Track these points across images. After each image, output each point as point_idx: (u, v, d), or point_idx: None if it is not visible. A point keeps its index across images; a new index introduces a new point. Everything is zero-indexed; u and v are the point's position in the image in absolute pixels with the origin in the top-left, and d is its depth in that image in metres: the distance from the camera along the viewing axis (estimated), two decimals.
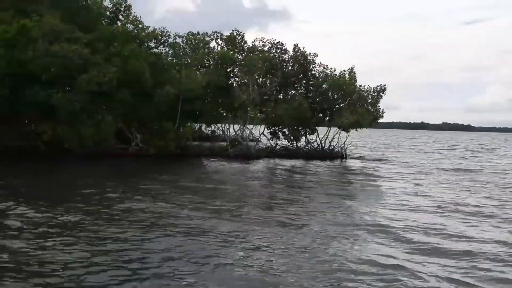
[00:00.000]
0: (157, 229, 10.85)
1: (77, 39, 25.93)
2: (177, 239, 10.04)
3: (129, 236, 10.10)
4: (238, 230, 11.03)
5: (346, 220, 12.68)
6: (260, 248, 9.63)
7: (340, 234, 11.04)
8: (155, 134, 28.91)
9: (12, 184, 16.96)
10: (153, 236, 10.22)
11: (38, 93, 25.16)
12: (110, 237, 9.99)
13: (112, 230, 10.56)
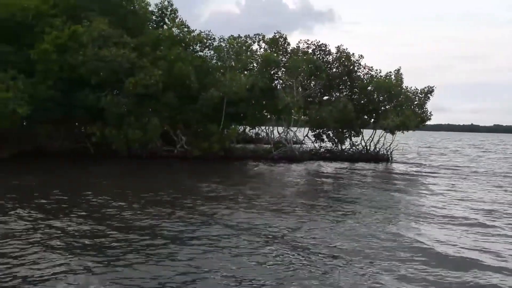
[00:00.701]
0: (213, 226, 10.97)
1: (125, 44, 26.58)
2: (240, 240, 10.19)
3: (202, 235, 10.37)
4: (288, 227, 10.99)
5: (388, 237, 11.43)
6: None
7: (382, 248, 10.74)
8: (200, 136, 29.24)
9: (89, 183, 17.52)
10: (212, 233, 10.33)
11: (88, 96, 26.01)
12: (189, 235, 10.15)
13: (185, 229, 10.92)
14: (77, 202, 13.94)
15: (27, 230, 10.44)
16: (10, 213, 12.00)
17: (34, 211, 12.40)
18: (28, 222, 11.16)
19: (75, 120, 29.23)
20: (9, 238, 9.67)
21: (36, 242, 9.50)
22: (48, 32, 25.95)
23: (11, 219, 11.43)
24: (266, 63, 31.09)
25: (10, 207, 12.82)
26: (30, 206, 13.00)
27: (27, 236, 9.91)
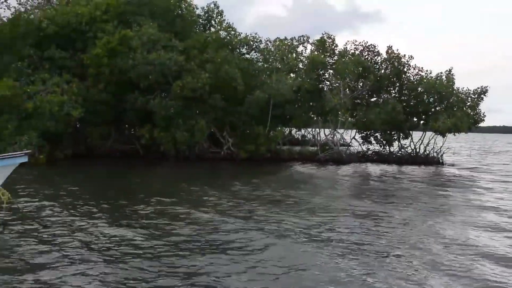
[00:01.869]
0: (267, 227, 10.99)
1: (173, 47, 27.09)
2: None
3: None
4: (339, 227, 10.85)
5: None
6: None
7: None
8: (246, 138, 29.40)
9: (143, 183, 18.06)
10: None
11: (137, 99, 26.68)
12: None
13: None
14: (137, 202, 14.28)
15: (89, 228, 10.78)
16: (75, 213, 12.43)
17: (99, 210, 12.81)
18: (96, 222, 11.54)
19: (125, 122, 30.06)
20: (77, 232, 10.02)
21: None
22: (100, 37, 26.84)
23: (79, 219, 11.85)
24: (312, 64, 30.89)
25: (74, 207, 13.27)
26: (92, 206, 13.44)
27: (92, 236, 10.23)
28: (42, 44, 27.88)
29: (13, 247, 9.35)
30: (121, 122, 30.02)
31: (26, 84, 25.43)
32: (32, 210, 12.48)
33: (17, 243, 9.58)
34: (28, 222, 11.05)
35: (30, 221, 11.08)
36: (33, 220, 11.21)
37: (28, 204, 13.06)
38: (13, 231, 10.40)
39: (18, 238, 9.91)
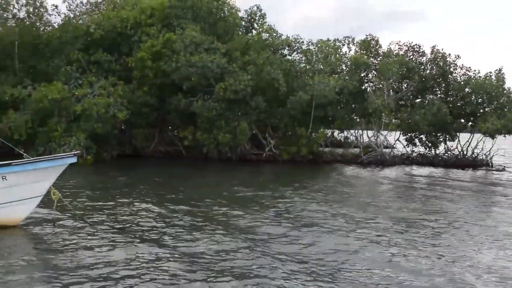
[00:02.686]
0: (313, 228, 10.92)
1: (215, 49, 27.34)
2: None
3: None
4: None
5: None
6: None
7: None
8: (288, 140, 29.32)
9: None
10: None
11: (180, 101, 27.07)
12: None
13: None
14: (185, 201, 14.49)
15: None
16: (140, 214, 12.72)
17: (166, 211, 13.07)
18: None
19: (168, 124, 30.55)
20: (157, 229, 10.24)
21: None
22: (145, 40, 27.40)
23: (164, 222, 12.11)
24: (356, 65, 30.49)
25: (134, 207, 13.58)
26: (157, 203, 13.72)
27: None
28: (89, 48, 28.74)
29: (64, 244, 9.64)
30: (164, 124, 30.56)
31: (75, 87, 26.24)
32: (81, 208, 12.83)
33: (68, 240, 9.87)
34: (77, 220, 11.36)
35: (79, 219, 11.38)
36: (82, 218, 11.51)
37: (77, 203, 13.45)
38: (64, 228, 10.72)
39: (69, 235, 10.21)
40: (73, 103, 25.24)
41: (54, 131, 24.52)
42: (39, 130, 24.97)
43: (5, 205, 10.36)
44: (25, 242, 10.16)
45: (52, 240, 9.98)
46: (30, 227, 10.87)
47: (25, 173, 10.25)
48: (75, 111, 24.95)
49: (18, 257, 8.79)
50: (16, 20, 28.26)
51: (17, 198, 10.35)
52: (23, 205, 10.56)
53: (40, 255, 9.07)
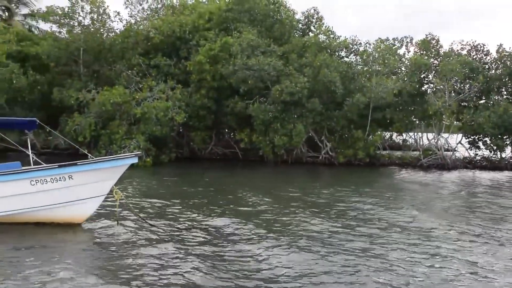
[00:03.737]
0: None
1: (271, 52, 27.40)
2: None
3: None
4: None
5: None
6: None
7: None
8: (345, 143, 28.92)
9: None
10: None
11: (237, 104, 27.31)
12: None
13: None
14: (246, 202, 14.61)
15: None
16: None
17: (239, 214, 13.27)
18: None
19: (225, 126, 30.91)
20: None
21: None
22: (202, 44, 27.89)
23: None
24: (415, 66, 29.64)
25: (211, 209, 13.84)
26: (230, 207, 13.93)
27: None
28: (149, 53, 29.63)
29: (125, 242, 9.92)
30: (221, 126, 30.96)
31: (135, 91, 27.07)
32: (142, 208, 13.17)
33: (128, 238, 10.16)
34: (138, 219, 11.65)
35: (140, 219, 11.66)
36: (143, 218, 11.78)
37: (138, 203, 13.81)
38: (125, 227, 11.04)
39: (130, 234, 10.50)
40: (133, 106, 26.04)
41: (115, 133, 25.39)
42: (102, 133, 25.94)
43: (71, 203, 10.80)
44: (88, 239, 10.53)
45: (114, 238, 10.28)
46: (93, 225, 11.27)
47: (89, 173, 10.64)
48: (135, 114, 25.73)
49: (81, 254, 9.15)
50: (82, 27, 29.50)
51: (82, 197, 10.77)
52: (88, 204, 10.97)
53: (102, 252, 9.37)
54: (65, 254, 9.01)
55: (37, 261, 8.46)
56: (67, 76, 29.44)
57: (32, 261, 8.47)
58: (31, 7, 44.47)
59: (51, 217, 10.94)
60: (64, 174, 10.51)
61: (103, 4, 29.51)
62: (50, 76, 30.13)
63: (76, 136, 25.43)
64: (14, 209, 10.70)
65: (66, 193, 10.62)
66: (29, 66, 29.77)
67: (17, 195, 10.50)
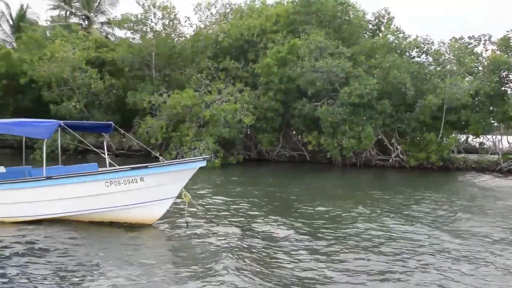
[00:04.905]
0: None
1: (340, 54, 27.01)
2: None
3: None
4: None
5: None
6: None
7: None
8: (416, 146, 27.94)
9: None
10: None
11: (305, 106, 27.16)
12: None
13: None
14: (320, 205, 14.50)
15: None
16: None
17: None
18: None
19: (292, 129, 30.85)
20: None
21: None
22: (270, 47, 28.01)
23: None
24: (494, 65, 28.07)
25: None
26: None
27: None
28: (218, 56, 30.20)
29: (194, 244, 10.11)
30: (289, 129, 30.92)
31: (204, 94, 27.64)
32: (211, 210, 13.35)
33: (197, 241, 10.33)
34: (207, 222, 11.83)
35: (209, 221, 11.84)
36: (212, 220, 11.96)
37: (206, 205, 14.03)
38: (194, 229, 11.23)
39: (199, 236, 10.67)
40: (202, 109, 26.59)
41: (185, 135, 26.03)
42: (173, 135, 26.68)
43: (142, 205, 11.15)
44: (158, 240, 10.83)
45: (183, 240, 10.49)
46: (163, 227, 11.57)
47: (160, 175, 10.94)
48: (204, 116, 26.27)
49: (151, 255, 9.41)
50: (154, 33, 30.57)
51: (152, 199, 11.09)
52: (158, 206, 11.27)
53: (171, 254, 9.61)
54: (135, 254, 9.28)
55: (109, 259, 8.76)
56: (140, 80, 30.63)
57: (103, 259, 8.76)
58: (108, 15, 46.67)
59: (123, 217, 11.36)
60: (136, 176, 10.87)
61: (174, 10, 30.44)
62: (124, 80, 31.49)
63: (148, 138, 26.33)
64: (90, 209, 11.21)
65: (137, 194, 10.97)
66: (105, 71, 31.27)
67: (93, 195, 11.00)
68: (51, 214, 11.27)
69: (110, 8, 47.05)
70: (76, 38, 32.70)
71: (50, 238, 10.27)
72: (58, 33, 32.94)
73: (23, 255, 9.02)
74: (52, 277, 7.88)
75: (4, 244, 9.63)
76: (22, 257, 8.87)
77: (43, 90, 29.62)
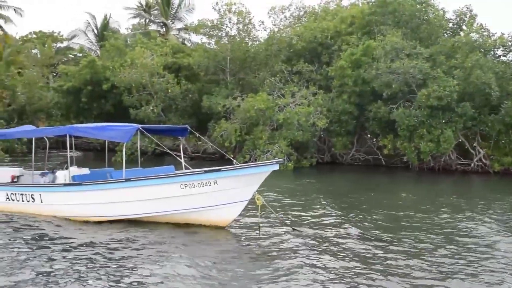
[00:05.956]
0: None
1: (417, 54, 26.06)
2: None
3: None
4: None
5: None
6: None
7: None
8: (501, 149, 26.32)
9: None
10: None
11: (380, 109, 26.45)
12: None
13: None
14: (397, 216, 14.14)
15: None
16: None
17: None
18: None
19: (366, 132, 30.18)
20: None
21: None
22: (344, 49, 27.58)
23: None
24: None
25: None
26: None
27: None
28: (291, 59, 30.18)
29: (267, 247, 10.10)
30: (363, 132, 30.28)
31: (278, 97, 27.70)
32: (284, 214, 13.27)
33: (270, 244, 10.31)
34: (281, 225, 11.79)
35: (282, 225, 11.80)
36: (285, 223, 11.90)
37: (279, 209, 13.98)
38: (267, 233, 11.25)
39: (272, 240, 10.67)
40: (276, 112, 26.65)
41: (259, 138, 26.22)
42: (246, 138, 26.96)
43: (216, 207, 11.32)
44: (231, 243, 10.93)
45: (256, 243, 10.54)
46: (236, 230, 11.68)
47: (233, 178, 11.06)
48: (277, 119, 26.32)
49: (224, 256, 9.50)
50: (228, 37, 31.12)
51: (226, 202, 11.22)
52: (231, 208, 11.40)
53: (244, 255, 9.66)
54: (209, 255, 9.42)
55: (183, 259, 8.92)
56: (215, 84, 31.32)
57: (176, 260, 8.90)
58: (185, 22, 48.17)
59: (198, 219, 11.59)
60: (210, 179, 11.05)
61: (248, 15, 30.81)
62: (200, 84, 32.33)
63: (222, 141, 26.79)
64: (166, 210, 11.55)
65: (211, 197, 11.15)
66: (182, 76, 32.27)
67: (168, 197, 11.31)
68: (130, 215, 11.73)
69: (186, 15, 48.65)
70: (155, 44, 34.02)
71: (128, 237, 10.71)
72: (138, 40, 34.47)
73: (104, 251, 9.49)
74: (128, 272, 8.22)
75: (88, 241, 10.20)
76: (103, 253, 9.34)
77: (124, 95, 31.01)
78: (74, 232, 11.05)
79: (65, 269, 8.34)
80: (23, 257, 9.07)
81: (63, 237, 10.60)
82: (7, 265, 8.57)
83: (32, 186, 12.90)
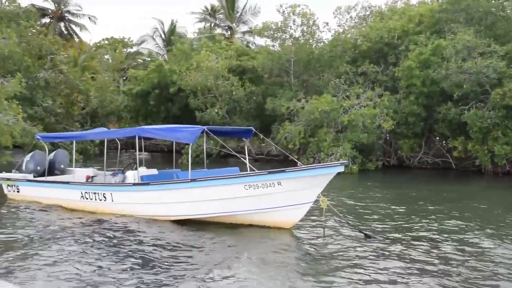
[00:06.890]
0: None
1: (492, 53, 24.80)
2: None
3: None
4: None
5: None
6: None
7: None
8: None
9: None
10: None
11: (450, 110, 25.39)
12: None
13: None
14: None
15: None
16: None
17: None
18: None
19: (435, 134, 29.08)
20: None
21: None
22: (412, 49, 26.73)
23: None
24: None
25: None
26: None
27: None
28: (357, 60, 29.67)
29: (331, 250, 9.92)
30: (431, 134, 29.21)
31: (342, 99, 27.28)
32: (348, 216, 12.96)
33: (335, 247, 10.12)
34: (347, 228, 11.55)
35: (348, 228, 11.56)
36: (351, 226, 11.64)
37: (344, 211, 13.68)
38: (332, 236, 11.05)
39: (337, 243, 10.46)
40: (340, 114, 26.25)
41: (323, 141, 25.90)
42: (310, 140, 26.73)
43: (280, 209, 11.27)
44: (295, 245, 10.81)
45: (320, 245, 10.38)
46: (300, 232, 11.55)
47: (297, 180, 10.96)
48: (342, 121, 25.92)
49: (288, 258, 9.45)
50: (292, 39, 31.05)
51: (290, 203, 11.14)
52: (295, 210, 11.30)
53: (308, 257, 9.52)
54: (273, 257, 9.38)
55: (245, 260, 8.94)
56: (279, 86, 31.31)
57: (240, 261, 8.94)
58: (249, 25, 48.67)
59: (261, 220, 11.58)
60: (274, 180, 11.01)
61: (313, 16, 30.61)
62: (263, 87, 32.45)
63: (286, 144, 26.71)
64: (230, 211, 11.65)
65: (275, 198, 11.11)
66: (246, 78, 32.55)
67: (232, 198, 11.39)
68: (195, 214, 11.92)
69: (251, 18, 49.13)
70: (219, 48, 34.55)
71: (191, 236, 10.91)
72: (203, 44, 35.16)
73: (168, 249, 9.73)
74: (188, 271, 8.33)
75: (156, 241, 10.49)
76: (167, 252, 9.57)
77: (190, 98, 31.69)
78: (142, 231, 11.36)
79: (131, 267, 8.61)
80: (95, 251, 9.52)
81: (131, 235, 10.94)
82: (78, 256, 9.08)
83: (104, 186, 13.45)
